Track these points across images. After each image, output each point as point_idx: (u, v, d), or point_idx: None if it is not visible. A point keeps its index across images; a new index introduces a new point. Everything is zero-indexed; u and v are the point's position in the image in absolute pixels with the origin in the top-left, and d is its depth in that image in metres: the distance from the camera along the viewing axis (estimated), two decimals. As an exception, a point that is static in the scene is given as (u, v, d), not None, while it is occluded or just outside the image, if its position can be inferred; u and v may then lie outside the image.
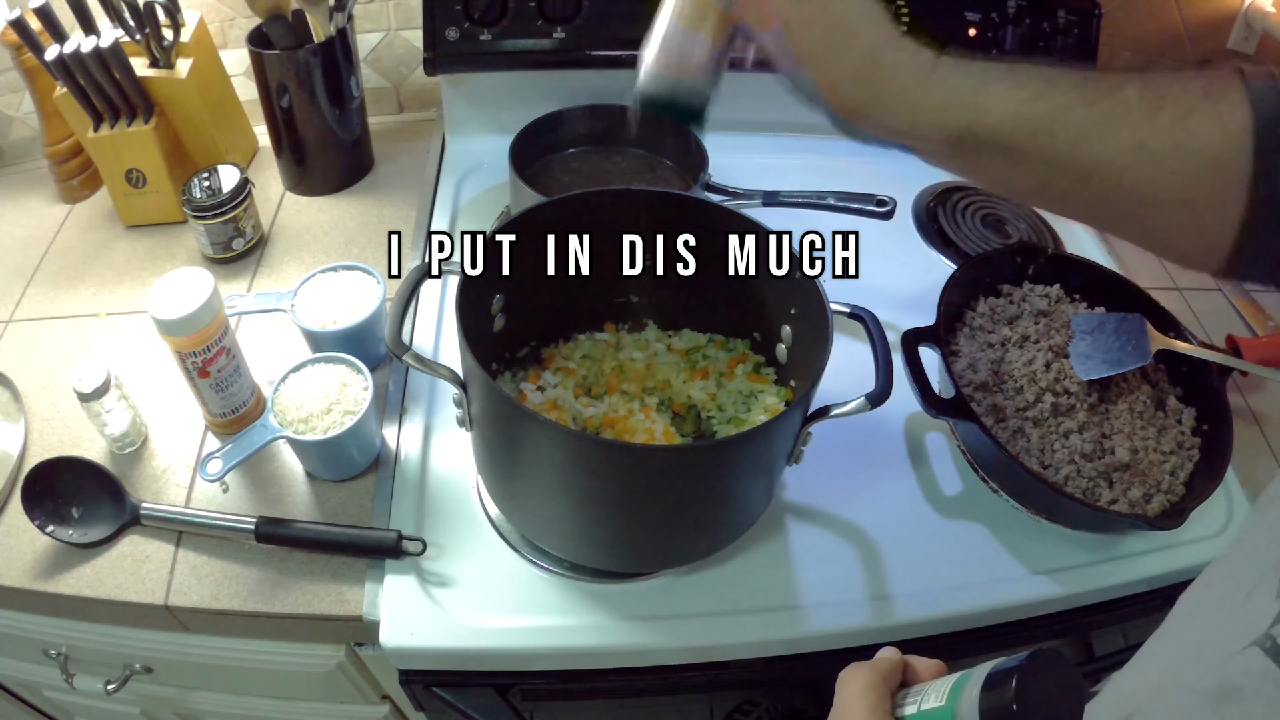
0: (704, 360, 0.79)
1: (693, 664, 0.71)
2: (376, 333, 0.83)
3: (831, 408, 0.63)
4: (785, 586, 0.71)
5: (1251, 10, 1.08)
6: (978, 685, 0.40)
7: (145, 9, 0.91)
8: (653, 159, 1.00)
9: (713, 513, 0.65)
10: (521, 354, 0.79)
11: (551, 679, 0.72)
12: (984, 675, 0.41)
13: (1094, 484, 0.73)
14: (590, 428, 0.73)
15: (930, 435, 0.83)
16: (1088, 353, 0.79)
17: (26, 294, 0.95)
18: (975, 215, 1.06)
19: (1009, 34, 1.02)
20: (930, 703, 0.43)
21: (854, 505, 0.77)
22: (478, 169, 1.09)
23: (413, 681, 0.71)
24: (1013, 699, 0.38)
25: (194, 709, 0.93)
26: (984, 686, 0.40)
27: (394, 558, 0.71)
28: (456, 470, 0.78)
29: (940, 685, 0.44)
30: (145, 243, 1.00)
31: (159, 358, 0.86)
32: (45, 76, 0.94)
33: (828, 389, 0.61)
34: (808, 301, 0.67)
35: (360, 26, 1.10)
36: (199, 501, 0.76)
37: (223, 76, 1.05)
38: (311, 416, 0.72)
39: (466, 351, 0.59)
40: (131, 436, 0.79)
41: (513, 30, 1.02)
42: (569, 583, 0.71)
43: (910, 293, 0.92)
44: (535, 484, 0.65)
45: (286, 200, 1.07)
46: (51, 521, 0.72)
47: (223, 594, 0.70)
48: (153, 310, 0.68)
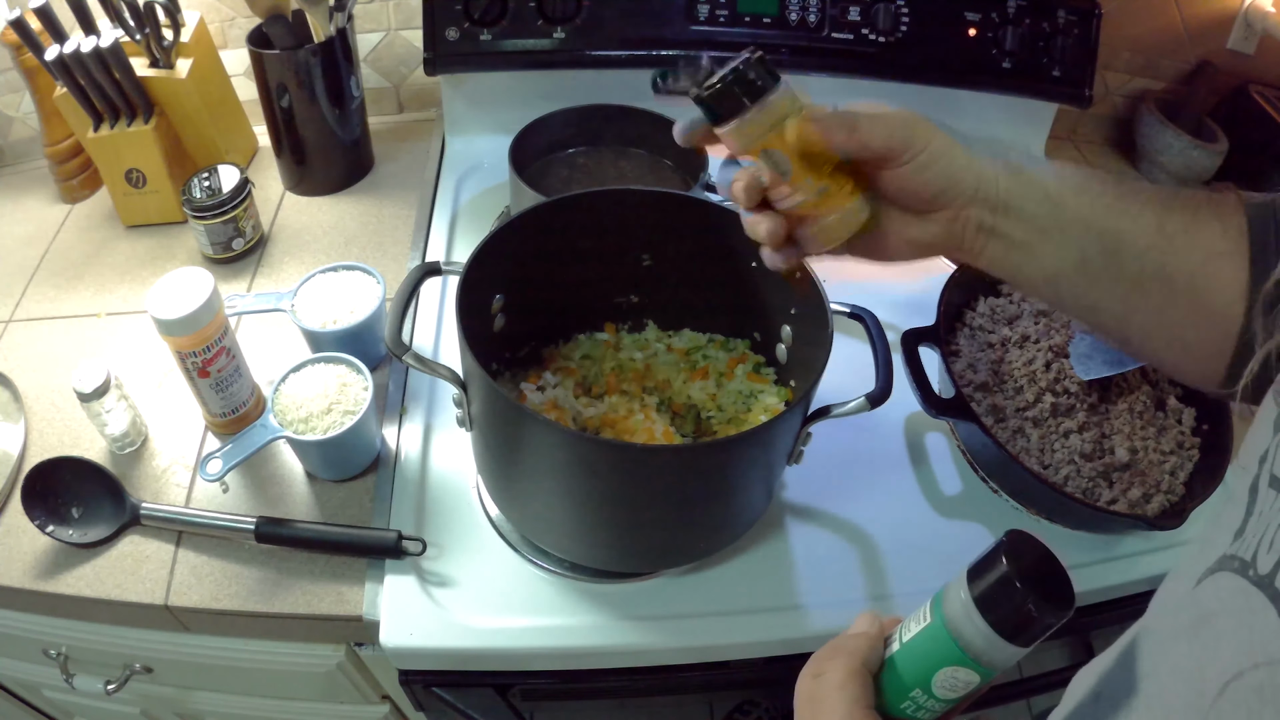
0: (704, 360, 0.79)
1: (692, 664, 0.71)
2: (376, 333, 0.83)
3: (831, 408, 0.63)
4: (785, 586, 0.71)
5: (1251, 10, 1.08)
6: (962, 585, 0.39)
7: (145, 9, 0.91)
8: (653, 159, 1.00)
9: (713, 513, 0.65)
10: (521, 354, 0.79)
11: (551, 679, 0.72)
12: (964, 575, 0.39)
13: (1094, 484, 0.73)
14: (590, 428, 0.73)
15: (930, 435, 0.83)
16: (1088, 353, 0.79)
17: (26, 294, 0.95)
18: (975, 215, 1.06)
19: (1009, 34, 1.02)
20: (914, 629, 0.41)
21: (854, 505, 0.77)
22: (478, 169, 1.09)
23: (413, 681, 0.71)
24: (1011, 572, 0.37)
25: (194, 709, 0.93)
26: (970, 579, 0.38)
27: (394, 558, 0.71)
28: (456, 470, 0.78)
29: (918, 612, 0.42)
30: (145, 243, 1.00)
31: (159, 358, 0.86)
32: (45, 76, 0.94)
33: (828, 389, 0.61)
34: (808, 301, 0.67)
35: (360, 26, 1.10)
36: (199, 501, 0.76)
37: (223, 76, 1.05)
38: (311, 416, 0.72)
39: (466, 351, 0.59)
40: (131, 436, 0.79)
41: (513, 30, 1.02)
42: (569, 583, 0.71)
43: (910, 293, 0.92)
44: (535, 484, 0.65)
45: (286, 200, 1.07)
46: (51, 521, 0.72)
47: (223, 594, 0.70)
48: (153, 310, 0.68)
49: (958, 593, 0.39)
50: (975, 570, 0.39)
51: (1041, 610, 0.36)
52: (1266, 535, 0.27)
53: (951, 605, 0.39)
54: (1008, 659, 0.38)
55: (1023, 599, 0.36)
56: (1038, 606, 0.36)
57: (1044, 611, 0.36)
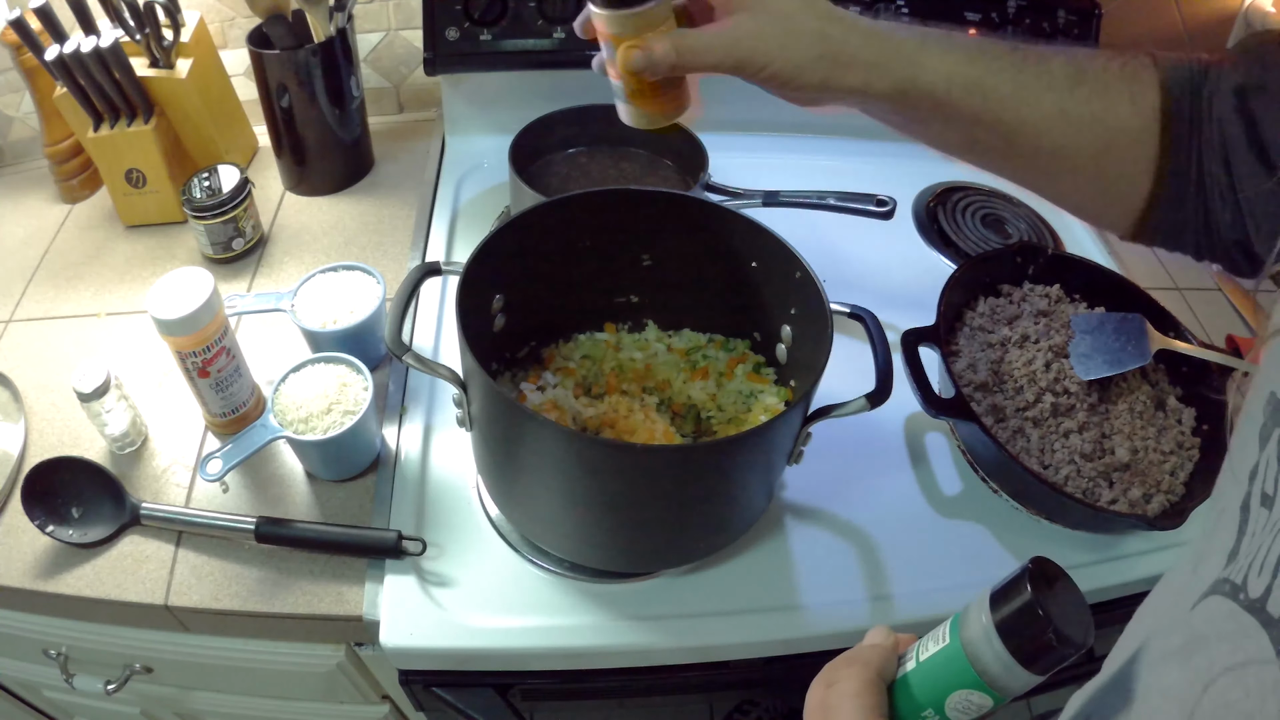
0: (704, 360, 0.79)
1: (692, 664, 0.71)
2: (376, 333, 0.83)
3: (831, 408, 0.63)
4: (785, 586, 0.71)
5: (1251, 10, 1.08)
6: (983, 609, 0.38)
7: (145, 9, 0.91)
8: (653, 159, 1.00)
9: (713, 513, 0.65)
10: (521, 354, 0.79)
11: (551, 679, 0.72)
12: (985, 599, 0.39)
13: (1094, 484, 0.73)
14: (590, 428, 0.73)
15: (930, 435, 0.83)
16: (1088, 353, 0.79)
17: (26, 294, 0.95)
18: (975, 215, 1.06)
19: (1009, 34, 1.02)
20: (930, 649, 0.41)
21: (854, 505, 0.77)
22: (478, 169, 1.09)
23: (413, 681, 0.71)
24: (1035, 600, 0.36)
25: (194, 709, 0.93)
26: (993, 604, 0.38)
27: (394, 558, 0.71)
28: (456, 470, 0.78)
29: (936, 632, 0.41)
30: (145, 243, 1.00)
31: (159, 358, 0.86)
32: (45, 76, 0.94)
33: (828, 389, 0.61)
34: (808, 301, 0.67)
35: (360, 26, 1.10)
36: (199, 501, 0.76)
37: (223, 76, 1.05)
38: (311, 416, 0.72)
39: (466, 351, 0.59)
40: (131, 436, 0.79)
41: (513, 30, 1.02)
42: (569, 583, 0.71)
43: (910, 293, 0.92)
44: (535, 484, 0.65)
45: (286, 200, 1.07)
46: (51, 521, 0.72)
47: (223, 594, 0.70)
48: (153, 310, 0.68)
49: (979, 616, 0.39)
50: (998, 595, 0.39)
51: (1062, 641, 0.36)
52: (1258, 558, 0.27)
53: (972, 629, 0.39)
54: (1023, 685, 0.38)
55: (1044, 627, 0.36)
56: (1059, 637, 0.36)
57: (1064, 642, 0.36)
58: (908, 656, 0.43)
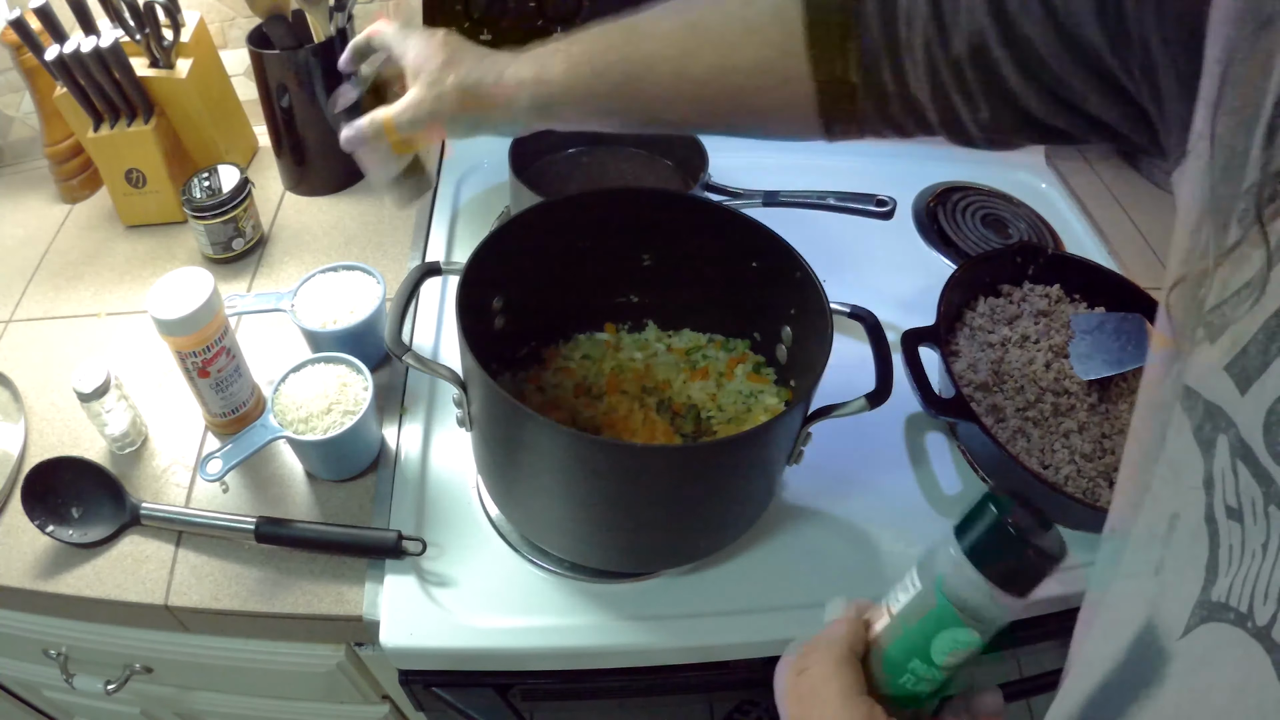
0: (704, 360, 0.79)
1: (692, 664, 0.71)
2: (376, 333, 0.83)
3: (831, 408, 0.63)
4: (785, 586, 0.71)
5: None
6: (950, 543, 0.37)
7: (145, 9, 0.91)
8: (653, 159, 1.00)
9: (713, 513, 0.65)
10: (521, 354, 0.79)
11: (551, 679, 0.72)
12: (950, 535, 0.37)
13: (1094, 484, 0.73)
14: (590, 428, 0.73)
15: (930, 435, 0.83)
16: (1088, 353, 0.79)
17: (26, 294, 0.95)
18: (975, 215, 1.06)
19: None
20: (902, 600, 0.40)
21: (854, 506, 0.77)
22: (478, 169, 1.10)
23: (413, 681, 0.71)
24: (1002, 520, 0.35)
25: (194, 709, 0.93)
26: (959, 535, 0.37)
27: (394, 558, 0.71)
28: (456, 470, 0.78)
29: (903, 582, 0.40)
30: (145, 243, 1.00)
31: (159, 358, 0.86)
32: (45, 76, 0.94)
33: (828, 389, 0.61)
34: (808, 301, 0.67)
35: (360, 26, 1.09)
36: (199, 501, 0.76)
37: (223, 76, 1.05)
38: (311, 416, 0.72)
39: (466, 351, 0.59)
40: (131, 436, 0.79)
41: (513, 30, 1.02)
42: (569, 583, 0.71)
43: (910, 293, 0.92)
44: (535, 484, 0.65)
45: (286, 200, 1.07)
46: (51, 521, 0.72)
47: (223, 594, 0.70)
48: (153, 310, 0.68)
49: (947, 551, 0.38)
50: (962, 527, 0.38)
51: (1039, 553, 0.35)
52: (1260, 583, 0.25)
53: (942, 565, 0.38)
54: (1004, 612, 0.37)
55: (1017, 545, 0.35)
56: (1035, 550, 0.35)
57: (1040, 554, 0.35)
58: (878, 616, 0.42)
